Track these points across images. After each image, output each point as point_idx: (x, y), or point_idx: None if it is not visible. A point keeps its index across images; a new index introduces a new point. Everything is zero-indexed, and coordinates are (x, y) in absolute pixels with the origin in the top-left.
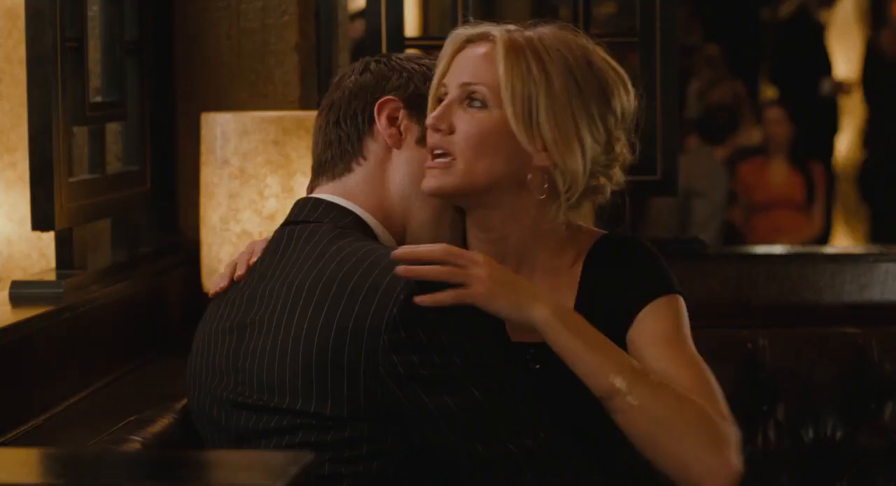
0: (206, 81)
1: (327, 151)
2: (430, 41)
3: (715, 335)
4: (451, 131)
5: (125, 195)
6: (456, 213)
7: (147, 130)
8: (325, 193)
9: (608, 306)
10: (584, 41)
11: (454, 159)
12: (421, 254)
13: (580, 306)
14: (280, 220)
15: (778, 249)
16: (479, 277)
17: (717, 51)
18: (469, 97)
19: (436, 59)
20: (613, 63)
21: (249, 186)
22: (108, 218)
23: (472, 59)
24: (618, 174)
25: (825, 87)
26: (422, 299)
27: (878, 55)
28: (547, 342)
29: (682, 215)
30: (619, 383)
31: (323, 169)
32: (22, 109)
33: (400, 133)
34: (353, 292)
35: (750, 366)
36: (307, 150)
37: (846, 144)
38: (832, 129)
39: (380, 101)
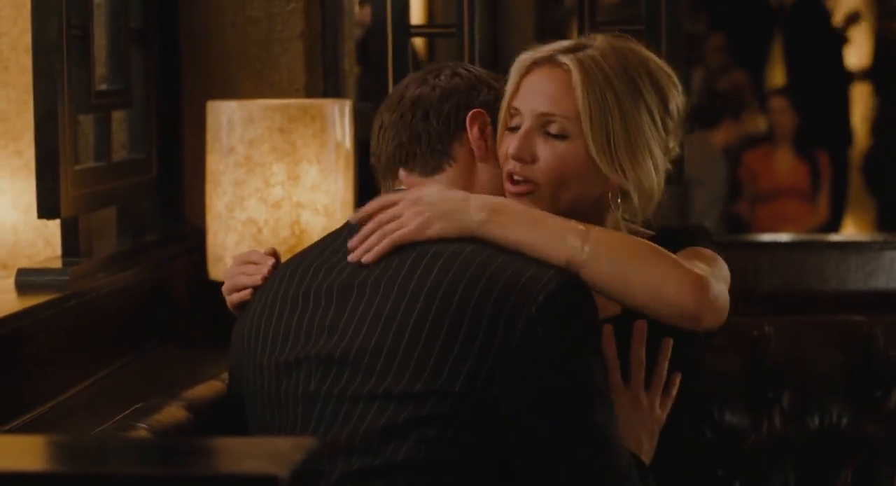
0: (211, 69)
1: (416, 144)
2: (436, 29)
3: None
4: (534, 161)
5: (131, 183)
6: None
7: (153, 119)
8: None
9: None
10: (637, 47)
11: (538, 186)
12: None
13: None
14: (286, 208)
15: (783, 237)
16: (412, 214)
17: (721, 39)
18: (546, 127)
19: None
20: (662, 63)
21: (255, 174)
22: (114, 206)
23: (545, 87)
24: (669, 168)
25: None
26: (352, 243)
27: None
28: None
29: (681, 204)
30: (572, 241)
31: (412, 161)
32: (27, 96)
33: (487, 147)
34: (494, 271)
35: (755, 354)
36: (313, 138)
37: (853, 132)
38: (839, 117)
39: (473, 111)
